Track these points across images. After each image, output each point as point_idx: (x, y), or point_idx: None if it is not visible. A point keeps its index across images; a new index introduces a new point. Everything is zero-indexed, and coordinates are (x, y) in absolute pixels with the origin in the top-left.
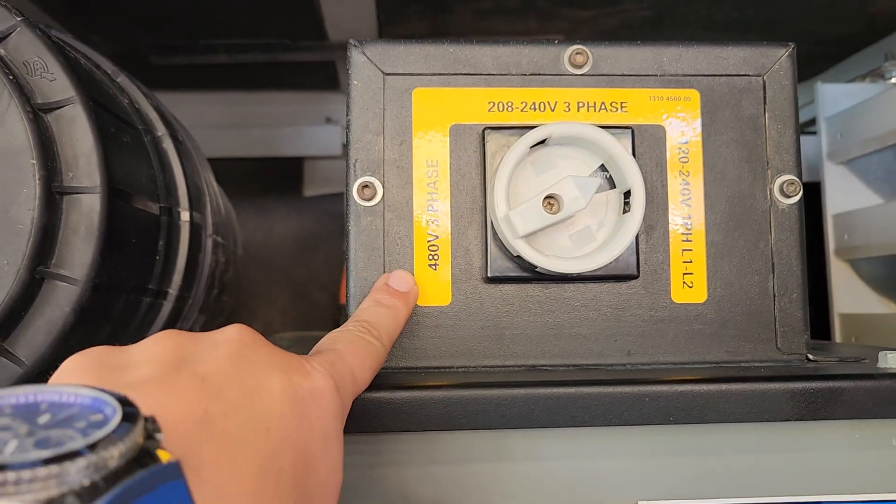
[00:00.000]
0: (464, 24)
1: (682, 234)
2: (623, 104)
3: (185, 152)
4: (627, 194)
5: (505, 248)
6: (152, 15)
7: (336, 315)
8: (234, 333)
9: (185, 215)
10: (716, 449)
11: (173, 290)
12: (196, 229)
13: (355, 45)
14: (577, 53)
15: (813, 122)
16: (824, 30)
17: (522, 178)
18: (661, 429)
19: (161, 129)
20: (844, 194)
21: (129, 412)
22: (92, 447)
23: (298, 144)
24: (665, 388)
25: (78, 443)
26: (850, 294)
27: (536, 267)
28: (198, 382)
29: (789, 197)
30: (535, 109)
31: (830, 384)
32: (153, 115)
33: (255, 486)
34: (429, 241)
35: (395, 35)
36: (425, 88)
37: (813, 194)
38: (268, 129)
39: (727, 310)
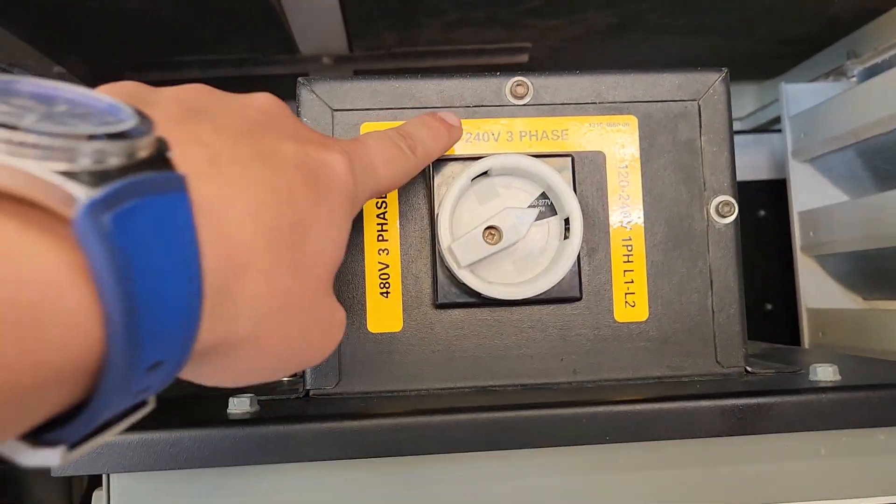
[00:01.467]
0: (432, 36)
1: (624, 255)
2: (564, 132)
3: None
4: (568, 220)
5: (453, 275)
6: (125, 34)
7: None
8: (261, 102)
9: None
10: (652, 465)
11: None
12: None
13: (304, 84)
14: (517, 85)
15: (778, 120)
16: (786, 30)
17: (466, 208)
18: (599, 448)
19: None
20: (809, 192)
21: (145, 121)
22: (108, 135)
23: None
24: (601, 409)
25: (93, 128)
26: (817, 289)
27: (482, 294)
28: (213, 129)
29: (725, 217)
30: (479, 140)
31: (759, 400)
32: None
33: (253, 227)
34: (380, 270)
35: (366, 46)
36: (373, 123)
37: (780, 192)
38: None
39: (668, 327)
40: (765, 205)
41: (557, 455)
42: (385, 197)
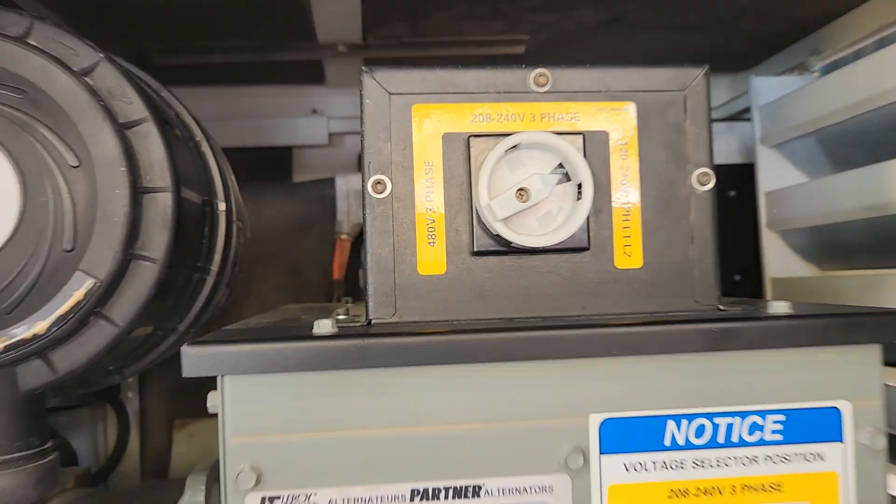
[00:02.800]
0: (440, 27)
1: (623, 215)
2: (576, 115)
3: (217, 152)
4: (580, 186)
5: (487, 228)
6: (158, 21)
7: (328, 289)
8: None
9: (221, 206)
10: (647, 374)
11: (214, 268)
12: (228, 217)
13: (366, 72)
14: (539, 76)
15: (748, 110)
16: (756, 30)
17: (499, 175)
18: (607, 360)
19: (199, 134)
20: (774, 174)
21: None
22: None
23: (287, 135)
24: (609, 330)
25: None
26: (780, 261)
27: (511, 243)
28: None
29: (704, 185)
30: (508, 120)
31: (728, 325)
32: (191, 122)
33: None
34: (427, 224)
35: (379, 36)
36: (422, 104)
37: (748, 174)
38: (259, 120)
39: (658, 273)
40: (735, 186)
41: (574, 366)
42: (432, 166)
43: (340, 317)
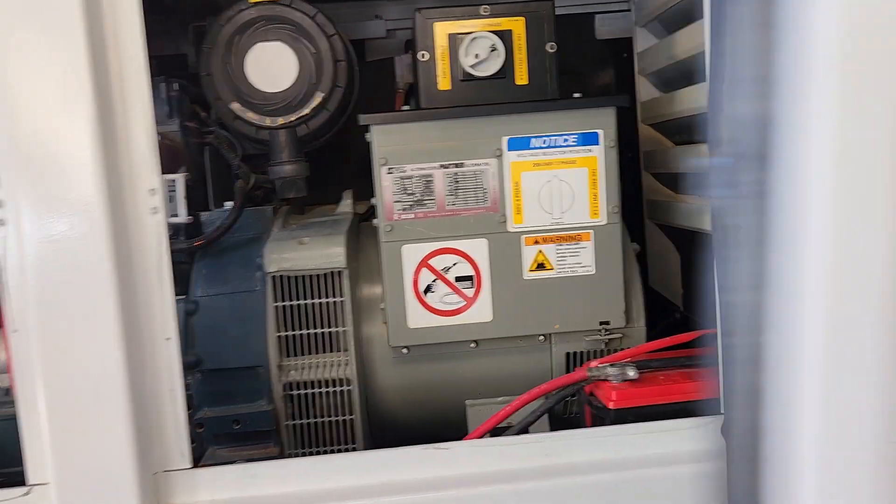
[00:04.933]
0: None
1: (520, 62)
2: (500, 23)
3: (343, 36)
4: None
5: (464, 70)
6: None
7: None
8: None
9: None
10: (527, 121)
11: (351, 97)
12: (352, 66)
13: (417, 11)
14: (484, 8)
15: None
16: None
17: (469, 48)
18: (513, 115)
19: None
20: (643, 41)
21: None
22: None
23: (361, 31)
24: (514, 105)
25: None
26: (645, 91)
27: (474, 75)
28: None
29: (552, 50)
30: (473, 27)
31: (556, 102)
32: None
33: None
34: (442, 68)
35: None
36: (438, 21)
37: (629, 42)
38: (345, 24)
39: (535, 86)
40: (626, 51)
41: (501, 119)
42: (444, 47)
43: (406, 107)
